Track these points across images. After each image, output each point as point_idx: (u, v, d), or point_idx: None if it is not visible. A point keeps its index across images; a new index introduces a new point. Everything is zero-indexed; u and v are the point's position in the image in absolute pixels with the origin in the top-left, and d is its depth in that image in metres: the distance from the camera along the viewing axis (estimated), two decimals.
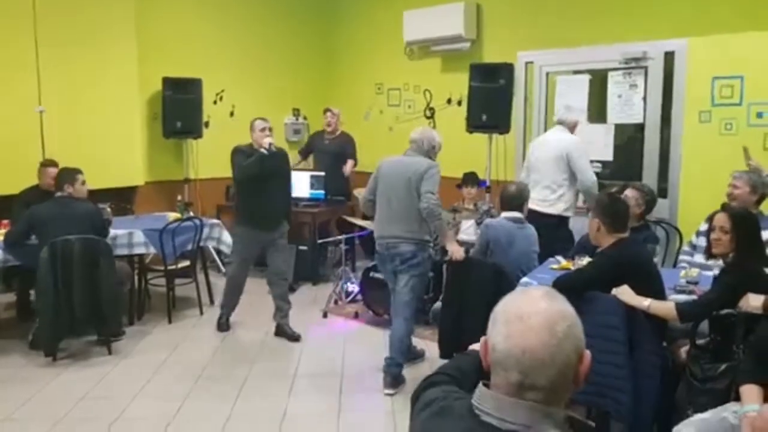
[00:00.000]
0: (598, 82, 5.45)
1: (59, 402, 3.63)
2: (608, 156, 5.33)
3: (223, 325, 4.87)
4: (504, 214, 3.99)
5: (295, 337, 4.68)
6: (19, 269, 4.52)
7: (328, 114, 6.64)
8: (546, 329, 1.05)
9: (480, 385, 1.13)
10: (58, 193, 4.35)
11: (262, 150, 4.43)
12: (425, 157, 3.91)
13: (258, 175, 4.44)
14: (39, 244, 4.16)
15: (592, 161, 4.96)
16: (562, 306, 1.09)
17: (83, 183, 4.42)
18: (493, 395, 1.09)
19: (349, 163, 4.76)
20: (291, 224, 4.98)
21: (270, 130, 4.54)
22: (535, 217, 4.31)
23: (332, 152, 6.52)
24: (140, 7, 6.15)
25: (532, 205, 4.34)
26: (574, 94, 5.48)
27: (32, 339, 4.37)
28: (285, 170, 4.79)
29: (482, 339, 1.13)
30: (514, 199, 3.97)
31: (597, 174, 5.24)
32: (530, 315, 1.06)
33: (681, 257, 4.08)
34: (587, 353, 1.09)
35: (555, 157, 4.71)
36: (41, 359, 4.20)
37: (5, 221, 4.64)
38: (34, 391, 3.77)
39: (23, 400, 3.65)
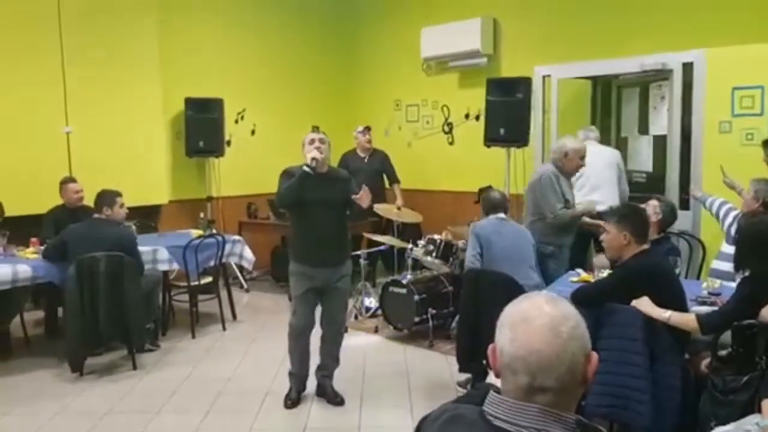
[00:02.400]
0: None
1: (86, 417, 3.69)
2: (648, 167, 5.37)
3: (290, 401, 3.84)
4: (490, 216, 4.16)
5: (337, 401, 3.86)
6: (47, 287, 4.62)
7: (368, 132, 6.64)
8: (550, 330, 1.08)
9: (490, 391, 1.15)
10: (96, 215, 4.46)
11: (305, 167, 3.57)
12: (555, 165, 4.33)
13: (301, 199, 3.59)
14: (68, 261, 4.25)
15: (637, 172, 5.33)
16: (566, 308, 1.12)
17: (122, 206, 4.51)
18: (503, 400, 1.11)
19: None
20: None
21: (321, 141, 3.62)
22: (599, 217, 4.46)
23: (371, 170, 6.52)
24: (163, 29, 6.32)
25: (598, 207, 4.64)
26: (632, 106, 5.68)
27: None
28: (344, 195, 3.71)
29: (490, 346, 1.16)
30: (500, 203, 4.19)
31: (640, 185, 5.35)
32: (534, 317, 1.10)
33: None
34: (594, 354, 1.12)
35: (610, 164, 5.11)
36: (68, 374, 4.28)
37: (34, 239, 4.77)
38: (61, 405, 3.85)
39: (51, 414, 3.72)
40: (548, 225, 4.23)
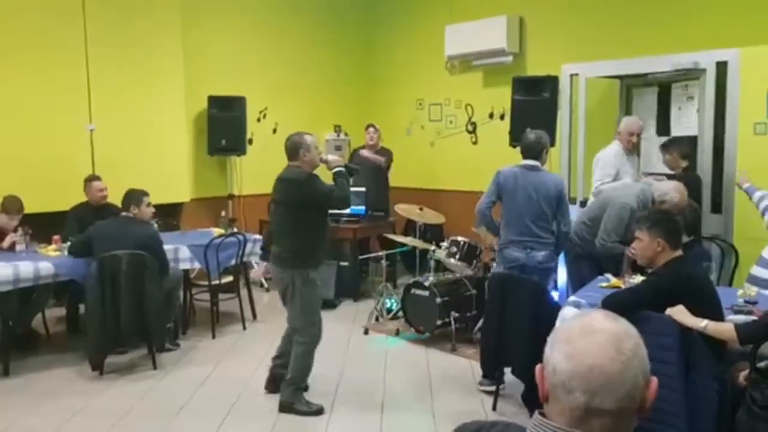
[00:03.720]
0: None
1: (105, 416, 3.67)
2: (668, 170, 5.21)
3: (320, 409, 3.74)
4: (521, 162, 3.97)
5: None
6: (69, 284, 4.61)
7: (371, 129, 6.61)
8: (613, 345, 1.00)
9: (536, 413, 1.06)
10: (123, 213, 4.48)
11: (347, 166, 3.84)
12: (647, 203, 4.06)
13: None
14: (92, 258, 4.25)
15: (656, 174, 5.06)
16: (626, 325, 1.04)
17: (148, 205, 4.53)
18: (551, 425, 1.01)
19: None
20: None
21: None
22: None
23: (368, 167, 6.49)
24: (187, 28, 6.31)
25: None
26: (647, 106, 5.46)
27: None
28: None
29: (538, 366, 1.06)
30: (531, 148, 3.92)
31: None
32: (594, 332, 1.01)
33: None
34: (654, 379, 1.03)
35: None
36: (89, 373, 4.27)
37: (56, 237, 4.77)
38: (81, 404, 3.84)
39: (71, 413, 3.71)
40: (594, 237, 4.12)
